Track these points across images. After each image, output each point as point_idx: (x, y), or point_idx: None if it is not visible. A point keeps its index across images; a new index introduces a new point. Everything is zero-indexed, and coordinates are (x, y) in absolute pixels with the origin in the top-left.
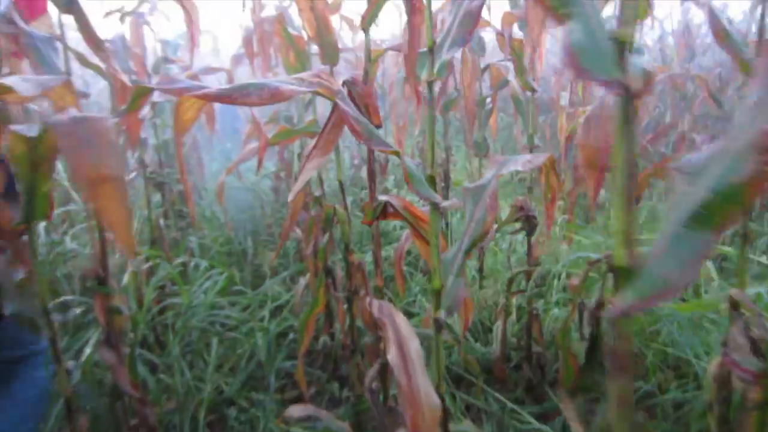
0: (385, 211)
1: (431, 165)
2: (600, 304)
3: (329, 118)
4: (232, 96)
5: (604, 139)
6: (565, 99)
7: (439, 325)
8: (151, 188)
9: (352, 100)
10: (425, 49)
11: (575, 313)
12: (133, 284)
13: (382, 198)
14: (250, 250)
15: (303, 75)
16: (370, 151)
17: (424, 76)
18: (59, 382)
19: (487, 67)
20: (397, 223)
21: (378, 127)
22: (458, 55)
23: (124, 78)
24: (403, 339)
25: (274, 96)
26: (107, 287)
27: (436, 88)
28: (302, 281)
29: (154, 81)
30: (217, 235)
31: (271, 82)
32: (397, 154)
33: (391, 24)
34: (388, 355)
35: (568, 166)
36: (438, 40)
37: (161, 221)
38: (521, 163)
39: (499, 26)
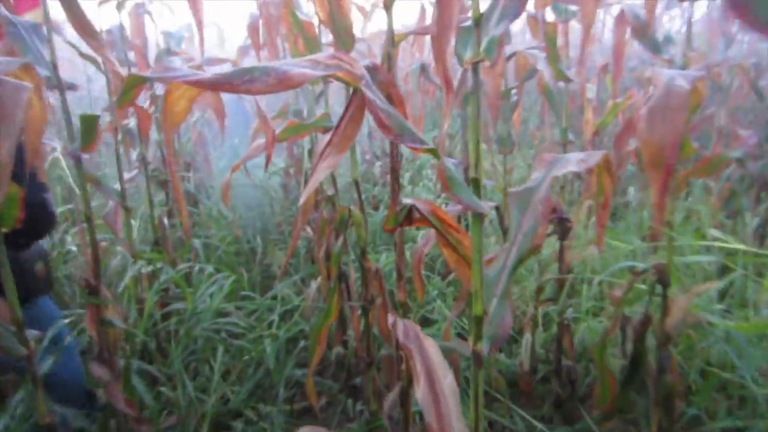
0: (410, 217)
1: (475, 166)
2: (646, 320)
3: (347, 110)
4: (232, 82)
5: (671, 134)
6: (592, 91)
7: (479, 361)
8: (154, 186)
9: None
10: (468, 24)
11: (616, 328)
12: (133, 290)
13: (407, 201)
14: (259, 248)
15: (318, 57)
16: (394, 147)
17: (467, 56)
18: (37, 407)
19: (513, 54)
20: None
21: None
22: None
23: (120, 69)
24: (435, 372)
25: (283, 82)
26: (99, 297)
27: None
28: (314, 285)
29: None
30: (224, 235)
31: (279, 66)
32: (434, 153)
33: (401, 13)
34: (416, 392)
35: None
36: (483, 13)
37: (165, 221)
38: (574, 162)
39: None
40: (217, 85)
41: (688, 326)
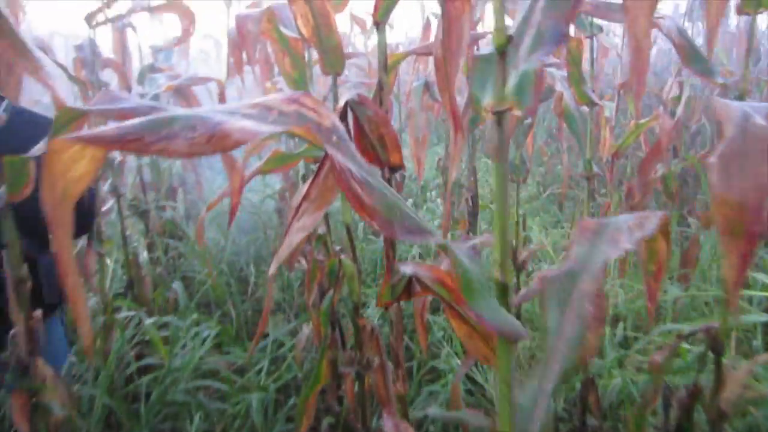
0: (409, 289)
1: (502, 264)
2: (694, 392)
3: (323, 162)
4: (143, 139)
5: (754, 190)
6: (610, 110)
7: None
8: (133, 218)
9: (359, 129)
10: (489, 52)
11: (657, 399)
12: (102, 343)
13: (406, 270)
14: (252, 277)
15: (271, 100)
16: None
17: (487, 101)
18: None
19: None
20: (413, 245)
21: (399, 167)
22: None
23: (60, 95)
24: None
25: (214, 140)
26: (31, 381)
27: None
28: (305, 329)
29: (136, 91)
30: (210, 271)
31: (212, 116)
32: (443, 247)
33: (404, 24)
34: None
35: (614, 189)
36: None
37: (144, 254)
38: (626, 230)
39: None
40: (121, 142)
41: (748, 402)
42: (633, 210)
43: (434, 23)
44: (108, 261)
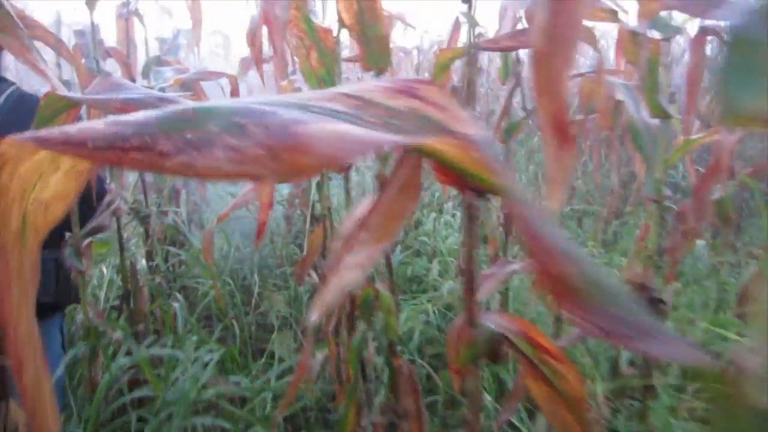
0: (495, 350)
1: None
2: None
3: (395, 175)
4: (155, 146)
5: None
6: None
7: None
8: (134, 222)
9: None
10: (751, 30)
11: None
12: (86, 370)
13: (489, 325)
14: (256, 287)
15: (365, 89)
16: (471, 223)
17: (754, 103)
18: None
19: (574, 77)
20: (429, 264)
21: (488, 190)
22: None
23: (56, 83)
24: None
25: (287, 155)
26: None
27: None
28: (319, 356)
29: (141, 84)
30: (213, 283)
31: (271, 110)
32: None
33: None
34: None
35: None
36: None
37: (143, 262)
38: None
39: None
40: (117, 150)
41: None
42: (686, 235)
43: (464, 24)
44: (104, 268)
